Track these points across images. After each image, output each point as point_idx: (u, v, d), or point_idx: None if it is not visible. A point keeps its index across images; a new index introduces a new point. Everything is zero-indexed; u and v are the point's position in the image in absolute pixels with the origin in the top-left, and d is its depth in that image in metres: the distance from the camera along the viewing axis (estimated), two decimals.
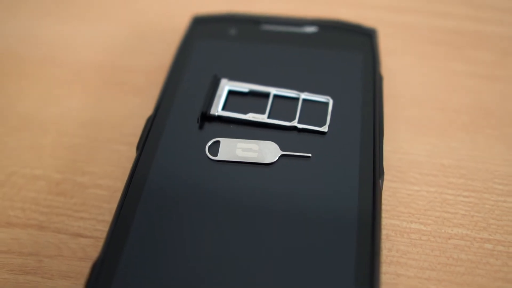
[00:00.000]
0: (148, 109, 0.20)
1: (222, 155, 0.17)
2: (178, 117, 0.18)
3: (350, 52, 0.20)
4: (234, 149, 0.17)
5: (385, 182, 0.18)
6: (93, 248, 0.17)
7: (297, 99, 0.18)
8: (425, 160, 0.19)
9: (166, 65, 0.21)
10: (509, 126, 0.20)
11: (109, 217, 0.18)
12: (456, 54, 0.22)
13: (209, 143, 0.17)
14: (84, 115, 0.21)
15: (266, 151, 0.17)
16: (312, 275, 0.14)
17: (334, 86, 0.18)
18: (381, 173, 0.16)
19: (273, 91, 0.18)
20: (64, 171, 0.19)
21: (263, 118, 0.17)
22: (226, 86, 0.18)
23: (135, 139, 0.19)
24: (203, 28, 0.21)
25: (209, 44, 0.20)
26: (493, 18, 0.24)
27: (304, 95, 0.18)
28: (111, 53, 0.23)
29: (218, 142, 0.17)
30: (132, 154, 0.19)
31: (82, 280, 0.16)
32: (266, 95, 0.18)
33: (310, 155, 0.17)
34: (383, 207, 0.17)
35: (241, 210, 0.15)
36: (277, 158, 0.17)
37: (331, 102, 0.18)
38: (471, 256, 0.16)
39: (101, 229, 0.18)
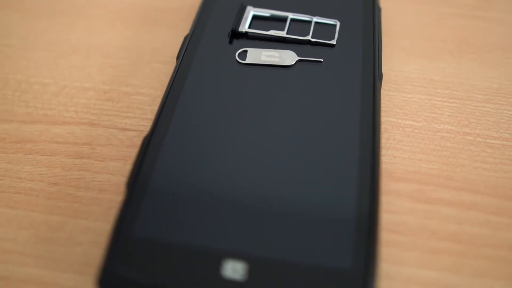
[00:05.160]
0: (182, 39, 0.23)
1: (249, 60, 0.20)
2: (211, 35, 0.21)
3: None
4: (259, 56, 0.20)
5: (382, 91, 0.21)
6: (139, 139, 0.20)
7: (310, 21, 0.22)
8: (416, 76, 0.22)
9: (196, 7, 0.25)
10: (488, 53, 0.23)
11: (151, 116, 0.21)
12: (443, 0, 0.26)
13: (238, 51, 0.20)
14: (125, 43, 0.24)
15: (286, 57, 0.20)
16: (321, 160, 0.17)
17: (340, 14, 0.22)
18: (380, 75, 0.20)
19: (290, 15, 0.22)
20: (110, 83, 0.22)
21: (282, 33, 0.21)
22: (251, 11, 0.22)
23: (172, 59, 0.23)
24: None
25: None
26: None
27: (316, 19, 0.22)
28: None
29: (246, 51, 0.20)
30: (169, 70, 0.22)
31: (130, 161, 0.19)
32: (284, 19, 0.22)
33: (322, 60, 0.20)
34: (382, 108, 0.21)
35: (265, 104, 0.19)
36: (295, 61, 0.20)
37: (338, 23, 0.21)
38: (455, 144, 0.20)
39: (145, 125, 0.21)
